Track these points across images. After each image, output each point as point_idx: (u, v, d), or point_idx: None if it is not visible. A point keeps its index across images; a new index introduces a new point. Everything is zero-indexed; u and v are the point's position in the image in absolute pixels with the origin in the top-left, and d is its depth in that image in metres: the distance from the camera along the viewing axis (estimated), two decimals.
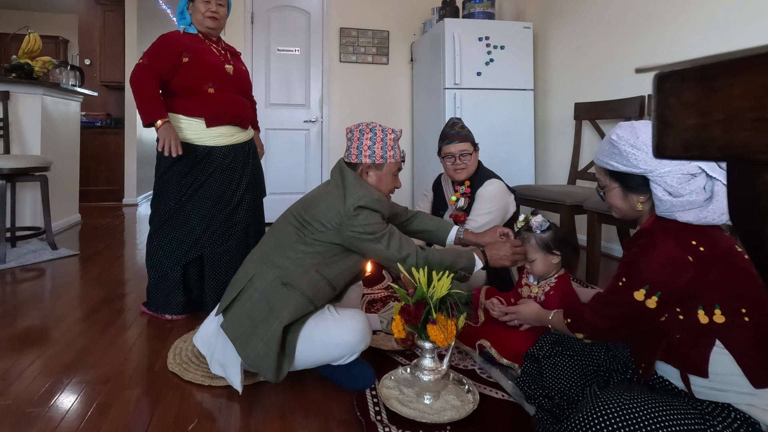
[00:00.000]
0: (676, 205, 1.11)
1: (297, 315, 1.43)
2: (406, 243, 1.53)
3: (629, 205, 1.24)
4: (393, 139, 1.61)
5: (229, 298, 1.52)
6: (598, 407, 1.06)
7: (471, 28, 3.81)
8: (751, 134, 0.30)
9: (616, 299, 1.18)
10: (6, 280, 2.64)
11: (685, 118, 0.34)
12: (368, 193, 1.50)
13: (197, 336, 1.66)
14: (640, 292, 1.12)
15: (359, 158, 1.58)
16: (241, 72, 2.20)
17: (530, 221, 1.68)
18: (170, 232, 2.05)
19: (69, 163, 4.04)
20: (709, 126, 0.33)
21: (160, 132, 1.94)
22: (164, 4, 6.24)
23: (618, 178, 1.24)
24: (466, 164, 2.21)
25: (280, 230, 1.58)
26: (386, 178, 1.61)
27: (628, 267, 1.16)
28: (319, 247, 1.51)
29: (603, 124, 3.19)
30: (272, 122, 4.42)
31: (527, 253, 1.68)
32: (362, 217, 1.47)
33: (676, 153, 0.35)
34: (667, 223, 1.15)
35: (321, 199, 1.55)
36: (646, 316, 1.12)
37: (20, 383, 1.53)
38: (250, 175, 2.19)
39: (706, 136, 0.33)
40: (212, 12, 2.09)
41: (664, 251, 1.10)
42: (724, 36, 2.45)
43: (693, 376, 1.09)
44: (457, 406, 1.35)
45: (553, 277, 1.66)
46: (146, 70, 1.96)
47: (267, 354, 1.39)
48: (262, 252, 1.58)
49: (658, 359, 1.16)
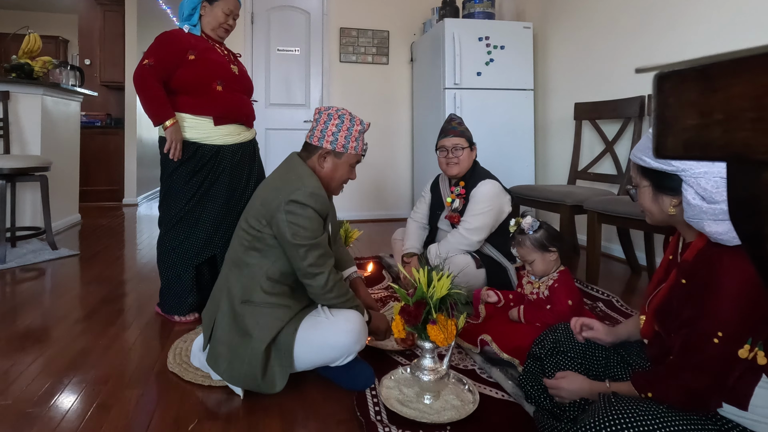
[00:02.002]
0: (707, 212, 0.96)
1: (276, 326, 1.42)
2: (324, 263, 1.46)
3: (660, 208, 1.12)
4: (359, 131, 1.58)
5: (207, 329, 1.51)
6: (611, 413, 1.01)
7: (471, 28, 3.81)
8: (751, 134, 0.30)
9: (712, 356, 1.00)
10: (6, 280, 2.64)
11: (685, 118, 0.34)
12: (303, 186, 1.44)
13: (193, 355, 1.64)
14: (744, 349, 0.97)
15: (320, 142, 1.55)
16: (245, 73, 2.20)
17: (521, 224, 1.69)
18: (181, 233, 2.04)
19: (69, 163, 4.04)
20: (709, 126, 0.33)
21: (168, 133, 1.93)
22: (164, 4, 6.24)
23: (649, 176, 1.12)
24: (458, 158, 2.21)
25: (235, 240, 1.56)
26: (342, 167, 1.59)
27: (718, 317, 0.99)
28: (267, 249, 1.47)
29: (603, 124, 3.19)
30: (272, 122, 4.42)
31: (524, 255, 1.69)
32: (292, 215, 1.41)
33: (676, 153, 0.35)
34: (730, 248, 1.00)
35: (260, 194, 1.52)
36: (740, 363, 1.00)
37: (20, 383, 1.53)
38: (256, 174, 2.19)
39: (706, 136, 0.33)
40: (228, 25, 2.11)
41: (748, 287, 0.96)
42: (724, 36, 2.45)
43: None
44: (457, 406, 1.35)
45: (555, 272, 1.69)
46: (151, 70, 1.93)
47: (253, 373, 1.39)
48: (225, 270, 1.57)
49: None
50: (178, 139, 1.93)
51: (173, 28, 2.09)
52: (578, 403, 1.24)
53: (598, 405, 1.09)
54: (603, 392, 1.16)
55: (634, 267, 2.87)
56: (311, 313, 1.51)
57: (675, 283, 1.11)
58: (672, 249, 1.21)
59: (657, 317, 1.15)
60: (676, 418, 1.00)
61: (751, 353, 0.97)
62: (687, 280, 1.07)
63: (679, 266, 1.12)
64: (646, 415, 1.00)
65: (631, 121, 2.94)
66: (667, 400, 1.04)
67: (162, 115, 1.92)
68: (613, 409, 1.02)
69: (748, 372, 1.00)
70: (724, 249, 1.00)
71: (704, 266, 1.04)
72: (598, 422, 1.01)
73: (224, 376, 1.43)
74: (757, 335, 0.97)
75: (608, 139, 3.10)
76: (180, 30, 2.06)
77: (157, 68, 1.94)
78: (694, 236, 1.11)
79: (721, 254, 1.01)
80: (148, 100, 1.94)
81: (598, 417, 1.03)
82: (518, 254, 1.73)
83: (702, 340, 1.01)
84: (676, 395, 1.03)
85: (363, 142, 1.62)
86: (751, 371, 0.99)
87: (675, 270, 1.14)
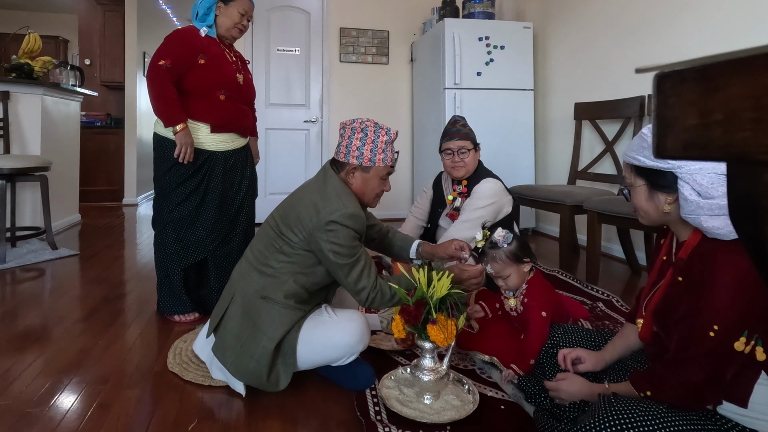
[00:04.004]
0: (704, 207, 0.99)
1: (287, 326, 1.43)
2: (367, 276, 1.45)
3: (655, 206, 1.12)
4: (385, 141, 1.52)
5: (216, 318, 1.52)
6: (611, 414, 1.01)
7: (471, 28, 3.81)
8: (751, 134, 0.30)
9: (708, 350, 1.01)
10: (6, 280, 2.64)
11: (685, 118, 0.34)
12: (343, 207, 1.42)
13: (196, 343, 1.67)
14: (740, 342, 0.97)
15: (347, 158, 1.52)
16: (249, 82, 2.19)
17: (493, 238, 1.58)
18: (173, 234, 2.04)
19: (69, 163, 4.04)
20: (709, 126, 0.33)
21: (179, 137, 1.92)
22: (164, 4, 6.24)
23: (644, 175, 1.12)
24: (464, 161, 2.21)
25: (261, 240, 1.55)
26: (372, 181, 1.54)
27: (713, 311, 1.00)
28: (296, 256, 1.47)
29: (603, 124, 3.19)
30: (272, 122, 4.42)
31: (499, 271, 1.57)
32: (333, 234, 1.40)
33: (676, 153, 0.35)
34: (724, 244, 1.01)
35: (298, 205, 1.50)
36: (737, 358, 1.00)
37: (20, 383, 1.53)
38: (249, 178, 2.20)
39: (706, 136, 0.33)
40: (243, 25, 2.11)
41: (743, 281, 0.97)
42: (724, 36, 2.45)
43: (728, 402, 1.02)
44: (457, 406, 1.35)
45: (525, 283, 1.60)
46: (167, 72, 1.91)
47: (260, 371, 1.40)
48: (244, 265, 1.56)
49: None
50: (188, 143, 1.93)
51: (186, 26, 2.06)
52: (578, 404, 1.24)
53: (598, 405, 1.08)
54: (602, 393, 1.16)
55: (634, 267, 2.87)
56: (315, 312, 1.52)
57: (672, 282, 1.12)
58: (665, 249, 1.21)
59: (656, 318, 1.15)
60: (676, 418, 0.99)
61: (747, 347, 0.97)
62: (683, 278, 1.08)
63: (674, 265, 1.13)
64: (646, 415, 1.00)
65: (631, 121, 2.94)
66: (665, 396, 1.05)
67: (175, 118, 1.92)
68: (613, 410, 1.02)
69: (747, 369, 1.00)
70: (718, 245, 1.01)
71: (699, 263, 1.04)
72: (598, 422, 1.01)
73: (230, 369, 1.43)
74: (753, 328, 0.97)
75: (608, 139, 3.10)
76: (193, 29, 2.03)
77: (173, 70, 1.92)
78: (687, 235, 1.11)
79: (714, 250, 1.02)
80: (163, 103, 1.93)
81: (598, 417, 1.02)
82: (492, 270, 1.59)
83: (698, 334, 1.01)
84: (674, 391, 1.04)
85: (392, 153, 1.55)
86: (750, 368, 0.99)
87: (671, 269, 1.14)
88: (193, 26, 2.06)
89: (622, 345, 1.33)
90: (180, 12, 6.48)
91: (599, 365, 1.32)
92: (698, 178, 0.99)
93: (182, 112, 1.94)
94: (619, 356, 1.33)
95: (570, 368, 1.34)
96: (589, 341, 1.44)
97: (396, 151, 1.59)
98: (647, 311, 1.18)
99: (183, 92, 1.98)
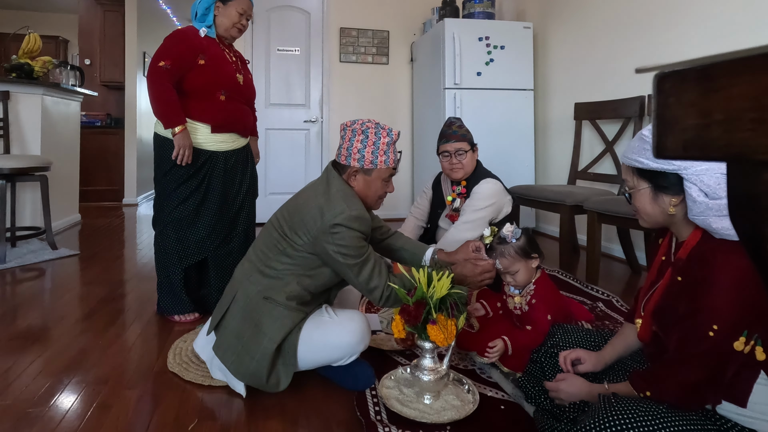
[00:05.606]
0: (712, 208, 0.97)
1: (288, 327, 1.43)
2: (378, 275, 1.44)
3: (660, 209, 1.09)
4: (387, 143, 1.50)
5: (217, 316, 1.52)
6: (611, 414, 1.01)
7: (471, 28, 3.81)
8: (751, 134, 0.30)
9: (707, 350, 1.00)
10: (6, 280, 2.64)
11: (685, 118, 0.34)
12: (347, 209, 1.40)
13: (197, 342, 1.67)
14: (740, 342, 0.97)
15: (348, 160, 1.50)
16: (249, 82, 2.19)
17: (501, 233, 1.58)
18: (173, 234, 2.04)
19: (69, 163, 4.04)
20: (709, 126, 0.33)
21: (177, 138, 1.92)
22: (164, 4, 6.24)
23: (648, 177, 1.09)
24: (462, 162, 2.21)
25: (264, 241, 1.54)
26: (375, 183, 1.52)
27: (713, 311, 0.99)
28: (300, 259, 1.47)
29: (603, 124, 3.19)
30: (272, 122, 4.42)
31: (508, 266, 1.57)
32: (338, 236, 1.39)
33: (676, 153, 0.35)
34: (723, 244, 1.00)
35: (303, 208, 1.47)
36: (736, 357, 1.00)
37: (20, 383, 1.53)
38: (249, 178, 2.20)
39: (706, 136, 0.33)
40: (242, 25, 2.10)
41: (743, 281, 0.96)
42: (724, 36, 2.45)
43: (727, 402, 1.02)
44: (457, 406, 1.35)
45: (532, 283, 1.59)
46: (167, 73, 1.90)
47: (260, 371, 1.40)
48: (246, 265, 1.55)
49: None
50: (187, 145, 1.93)
51: (186, 26, 2.06)
52: (578, 404, 1.24)
53: (598, 405, 1.08)
54: (602, 393, 1.15)
55: (634, 267, 2.87)
56: (315, 312, 1.52)
57: (671, 282, 1.11)
58: (664, 249, 1.21)
59: (655, 318, 1.14)
60: (676, 418, 0.99)
61: (747, 346, 0.97)
62: (682, 278, 1.07)
63: (674, 265, 1.12)
64: (646, 415, 1.00)
65: (631, 121, 2.94)
66: (664, 396, 1.04)
67: (174, 120, 1.92)
68: (613, 410, 1.02)
69: (747, 369, 0.99)
70: (717, 244, 1.01)
71: (698, 262, 1.04)
72: (598, 423, 1.01)
73: (231, 368, 1.43)
74: (753, 328, 0.97)
75: (608, 139, 3.10)
76: (193, 29, 2.03)
77: (173, 70, 1.92)
78: (687, 235, 1.11)
79: (714, 250, 1.01)
80: (162, 104, 1.92)
81: (598, 417, 1.02)
82: (500, 266, 1.59)
83: (697, 333, 1.01)
84: (673, 391, 1.03)
85: (394, 154, 1.53)
86: (750, 368, 0.99)
87: (670, 269, 1.14)
88: (192, 26, 2.06)
89: (622, 345, 1.33)
90: (180, 12, 6.48)
91: (599, 366, 1.32)
92: (705, 179, 0.98)
93: (181, 114, 1.94)
94: (618, 356, 1.33)
95: (570, 369, 1.34)
96: (588, 341, 1.44)
97: (398, 151, 1.58)
98: (646, 311, 1.18)
99: (183, 93, 1.98)
